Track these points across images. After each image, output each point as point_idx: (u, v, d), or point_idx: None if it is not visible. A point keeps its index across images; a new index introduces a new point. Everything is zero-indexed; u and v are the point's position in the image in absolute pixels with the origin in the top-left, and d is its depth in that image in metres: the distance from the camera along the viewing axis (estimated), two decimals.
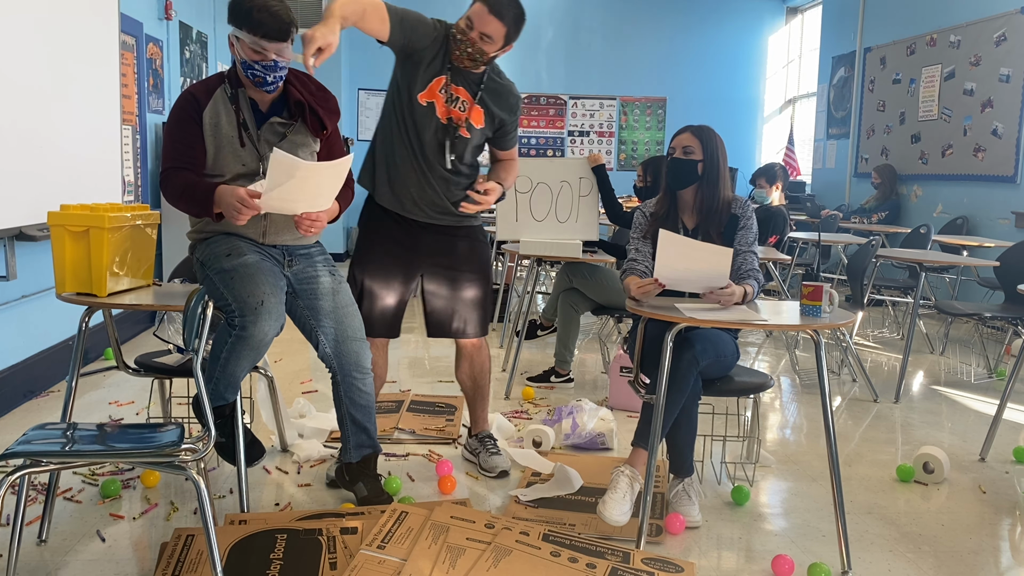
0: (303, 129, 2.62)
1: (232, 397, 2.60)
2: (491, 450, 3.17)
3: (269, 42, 2.42)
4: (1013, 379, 3.46)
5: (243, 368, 2.52)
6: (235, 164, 2.54)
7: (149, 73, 5.65)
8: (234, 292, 2.44)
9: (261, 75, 2.47)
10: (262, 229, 2.60)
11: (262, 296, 2.43)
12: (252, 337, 2.43)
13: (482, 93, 2.94)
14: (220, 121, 2.53)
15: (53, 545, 2.47)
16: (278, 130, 2.58)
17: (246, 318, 2.41)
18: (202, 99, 2.53)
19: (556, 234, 4.23)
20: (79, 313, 2.70)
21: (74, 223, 2.52)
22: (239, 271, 2.46)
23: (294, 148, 2.59)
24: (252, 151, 2.55)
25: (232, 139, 2.53)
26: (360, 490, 2.74)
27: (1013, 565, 2.56)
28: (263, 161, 2.53)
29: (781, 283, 5.04)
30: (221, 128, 2.53)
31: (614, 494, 2.58)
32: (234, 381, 2.55)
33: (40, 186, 3.76)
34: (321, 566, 2.29)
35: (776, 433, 3.77)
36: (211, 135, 2.52)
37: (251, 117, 2.56)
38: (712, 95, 10.80)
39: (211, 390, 2.53)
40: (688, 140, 2.80)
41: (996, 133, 6.66)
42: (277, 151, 2.28)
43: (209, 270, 2.52)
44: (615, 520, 2.54)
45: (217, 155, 2.54)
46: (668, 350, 2.52)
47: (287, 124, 2.60)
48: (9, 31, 3.51)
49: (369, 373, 2.72)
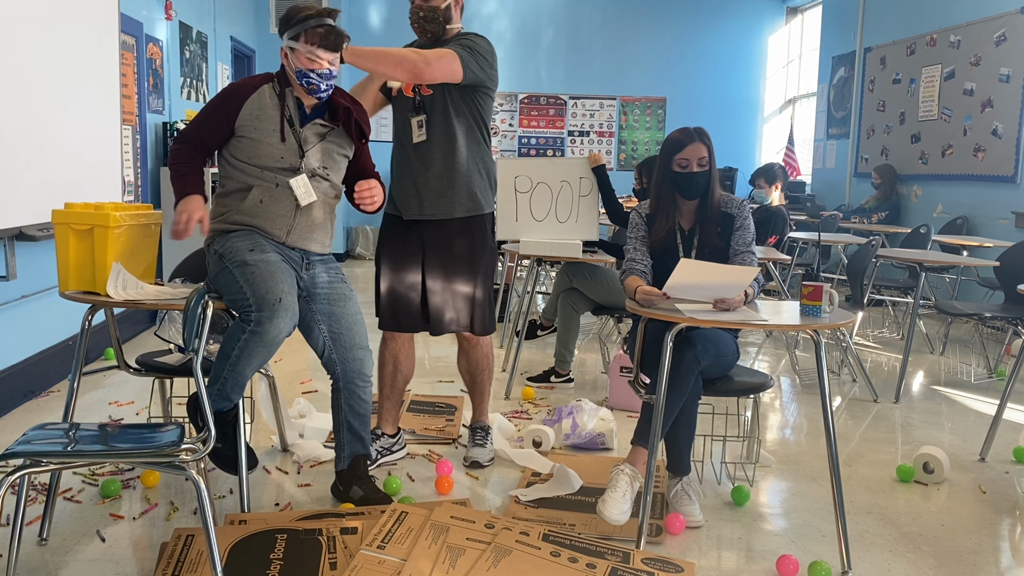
0: (342, 134, 2.72)
1: (237, 399, 2.60)
2: (476, 441, 3.26)
3: (325, 52, 2.54)
4: (1013, 379, 3.46)
5: (253, 367, 2.51)
6: (271, 158, 2.61)
7: (149, 73, 5.65)
8: (253, 287, 2.45)
9: (316, 83, 2.58)
10: (287, 228, 2.64)
11: (280, 293, 2.45)
12: (267, 333, 2.44)
13: None
14: (263, 114, 2.61)
15: (53, 545, 2.47)
16: (320, 131, 2.67)
17: (263, 313, 2.43)
18: (245, 93, 2.62)
19: (556, 234, 4.23)
20: (79, 313, 2.71)
21: (78, 221, 2.53)
22: (260, 267, 2.49)
23: (331, 150, 2.68)
24: (293, 146, 2.62)
25: (273, 132, 2.61)
26: (356, 493, 2.74)
27: (1013, 565, 2.56)
28: (303, 158, 2.63)
29: (781, 283, 5.04)
30: (263, 121, 2.60)
31: (614, 493, 2.58)
32: (241, 381, 2.54)
33: (40, 186, 3.77)
34: (321, 566, 2.29)
35: (776, 433, 3.77)
36: (251, 126, 2.60)
37: (296, 115, 2.65)
38: (712, 95, 10.80)
39: (216, 391, 2.52)
40: (702, 151, 2.78)
41: (996, 133, 6.66)
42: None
43: (228, 262, 2.53)
44: (615, 519, 2.54)
45: (254, 147, 2.60)
46: (668, 350, 2.52)
47: (328, 127, 2.69)
48: (9, 31, 3.51)
49: (370, 382, 2.75)
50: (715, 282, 2.54)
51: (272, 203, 2.61)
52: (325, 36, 2.53)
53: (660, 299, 2.58)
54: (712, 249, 2.82)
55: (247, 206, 2.60)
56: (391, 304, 3.10)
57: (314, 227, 2.68)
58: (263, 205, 2.61)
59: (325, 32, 2.53)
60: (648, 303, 2.61)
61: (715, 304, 2.57)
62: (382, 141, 10.50)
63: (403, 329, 3.13)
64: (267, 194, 2.61)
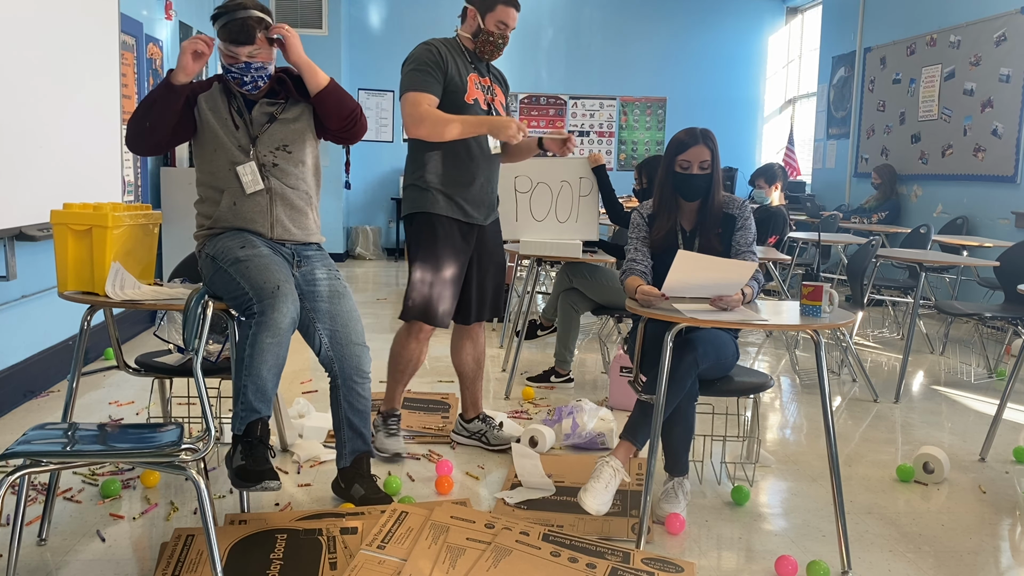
0: (295, 104, 2.73)
1: (264, 410, 2.44)
2: (497, 427, 3.44)
3: (236, 46, 2.56)
4: (1013, 379, 3.46)
5: (268, 365, 2.42)
6: (231, 143, 2.66)
7: (149, 73, 5.65)
8: (250, 280, 2.45)
9: (239, 77, 2.62)
10: (269, 223, 2.66)
11: (278, 281, 2.46)
12: (272, 322, 2.41)
13: (493, 75, 3.31)
14: (216, 106, 2.68)
15: (53, 545, 2.47)
16: (267, 110, 2.69)
17: (264, 303, 2.42)
18: (202, 88, 2.70)
19: (556, 234, 4.24)
20: (78, 313, 2.71)
21: (77, 222, 2.53)
22: (253, 260, 2.50)
23: (287, 123, 2.69)
24: (245, 131, 2.67)
25: (227, 121, 2.67)
26: (357, 491, 2.74)
27: (1013, 565, 2.56)
28: (255, 141, 2.66)
29: (781, 283, 5.04)
30: (219, 113, 2.67)
31: (596, 483, 2.60)
32: (262, 385, 2.42)
33: (40, 186, 3.77)
34: (321, 566, 2.29)
35: (776, 433, 3.77)
36: (212, 119, 2.66)
37: (243, 102, 2.69)
38: (712, 95, 10.80)
39: (241, 405, 2.43)
40: (705, 153, 2.78)
41: (996, 133, 6.66)
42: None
43: (222, 262, 2.54)
44: (595, 509, 2.57)
45: (214, 136, 2.66)
46: (668, 350, 2.52)
47: (275, 103, 2.70)
48: (9, 31, 3.51)
49: (368, 378, 2.74)
50: (714, 277, 2.54)
51: (245, 203, 2.64)
52: (230, 32, 2.55)
53: (659, 300, 2.58)
54: (713, 251, 2.82)
55: (223, 212, 2.64)
56: (436, 302, 3.18)
57: (295, 213, 2.70)
58: (237, 207, 2.64)
59: (229, 28, 2.55)
60: (648, 303, 2.61)
61: (713, 302, 2.57)
62: (382, 141, 10.52)
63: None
64: (238, 196, 2.64)
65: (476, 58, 3.18)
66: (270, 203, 2.66)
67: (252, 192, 2.63)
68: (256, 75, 2.60)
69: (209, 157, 2.66)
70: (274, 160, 2.66)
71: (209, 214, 2.67)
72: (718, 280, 2.55)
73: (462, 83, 3.09)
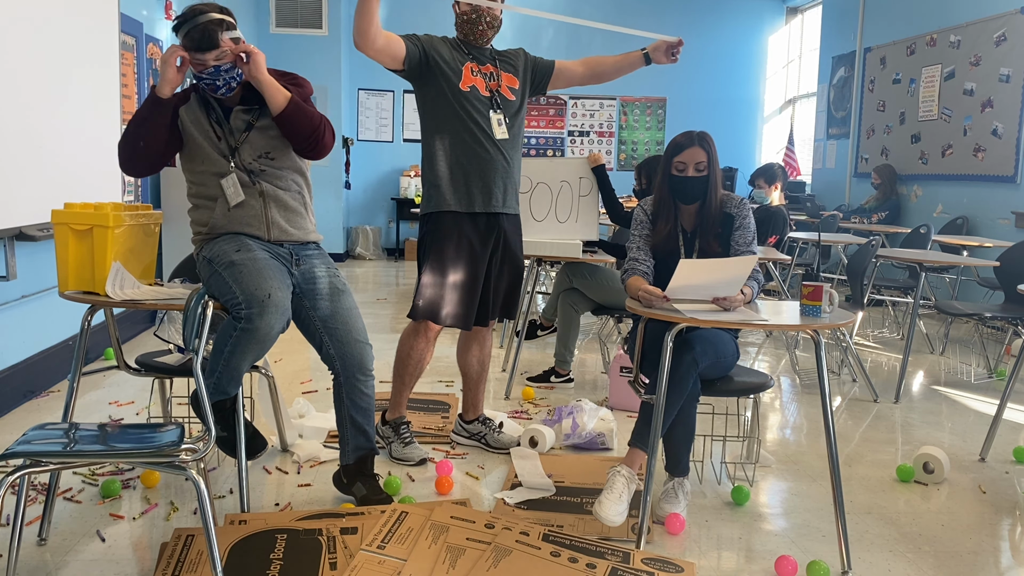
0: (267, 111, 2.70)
1: (234, 391, 2.60)
2: (497, 429, 3.41)
3: (202, 53, 2.53)
4: (1013, 379, 3.46)
5: (246, 362, 2.53)
6: (214, 152, 2.65)
7: (149, 73, 5.65)
8: (242, 284, 2.46)
9: (211, 83, 2.58)
10: (265, 225, 2.66)
11: (269, 289, 2.46)
12: (258, 331, 2.44)
13: (499, 61, 3.23)
14: (196, 118, 2.67)
15: (53, 545, 2.47)
16: (244, 118, 2.67)
17: (252, 310, 2.43)
18: (181, 101, 2.68)
19: (556, 234, 4.23)
20: (79, 313, 2.71)
21: (78, 221, 2.53)
22: (248, 265, 2.50)
23: (266, 130, 2.67)
24: (226, 140, 2.67)
25: (208, 132, 2.66)
26: (359, 490, 2.74)
27: (1013, 565, 2.56)
28: (236, 151, 2.65)
29: (781, 283, 5.04)
30: (200, 124, 2.67)
31: (610, 494, 2.58)
32: (236, 375, 2.55)
33: (40, 186, 3.77)
34: (321, 566, 2.29)
35: (776, 433, 3.77)
36: (194, 131, 2.66)
37: (221, 113, 2.68)
38: (712, 95, 10.80)
39: (212, 384, 2.53)
40: (700, 155, 2.78)
41: (996, 133, 6.66)
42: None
43: (217, 265, 2.54)
44: (611, 520, 2.54)
45: (199, 147, 2.65)
46: (668, 350, 2.52)
47: (250, 110, 2.68)
48: (9, 31, 3.51)
49: (371, 375, 2.74)
50: (716, 278, 2.55)
51: (239, 208, 2.64)
52: (193, 39, 2.51)
53: (660, 301, 2.58)
54: (713, 252, 2.83)
55: (219, 218, 2.64)
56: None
57: (290, 213, 2.70)
58: (232, 213, 2.64)
59: (191, 36, 2.51)
60: (649, 303, 2.61)
61: (715, 301, 2.57)
62: (382, 141, 10.52)
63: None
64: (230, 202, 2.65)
65: (472, 47, 3.16)
66: (264, 206, 2.66)
67: (235, 203, 2.63)
68: (227, 77, 2.57)
69: (197, 168, 2.67)
70: (260, 167, 2.67)
71: (204, 221, 2.68)
72: (721, 280, 2.56)
73: (455, 71, 3.08)
